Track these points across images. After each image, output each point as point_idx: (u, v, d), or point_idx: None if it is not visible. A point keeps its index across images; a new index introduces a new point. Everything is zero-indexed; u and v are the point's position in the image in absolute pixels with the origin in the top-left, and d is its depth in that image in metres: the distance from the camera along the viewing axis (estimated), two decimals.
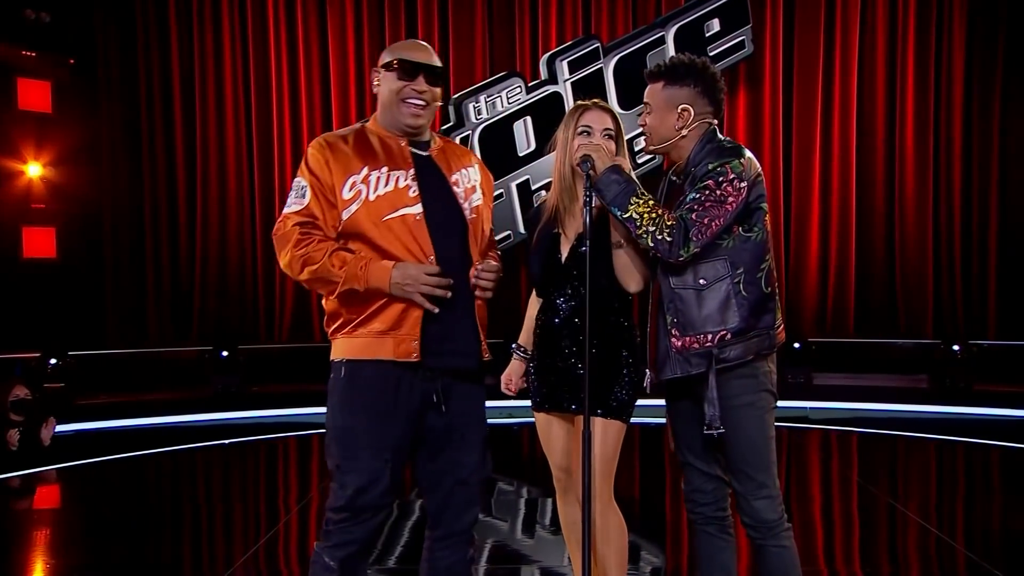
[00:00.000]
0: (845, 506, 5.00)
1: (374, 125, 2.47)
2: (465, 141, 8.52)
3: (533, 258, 2.75)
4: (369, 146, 2.41)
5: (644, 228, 2.41)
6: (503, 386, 2.93)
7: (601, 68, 8.62)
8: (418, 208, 2.35)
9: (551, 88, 8.63)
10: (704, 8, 8.69)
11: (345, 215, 2.33)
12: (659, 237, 2.39)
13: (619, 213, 2.45)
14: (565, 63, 8.64)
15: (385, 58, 2.44)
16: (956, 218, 9.01)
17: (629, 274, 2.57)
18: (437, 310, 2.30)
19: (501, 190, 8.60)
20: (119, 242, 9.19)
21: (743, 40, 8.73)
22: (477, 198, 2.49)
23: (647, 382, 2.63)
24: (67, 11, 8.55)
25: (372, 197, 2.33)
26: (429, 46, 2.50)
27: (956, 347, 8.26)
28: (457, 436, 2.41)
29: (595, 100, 2.72)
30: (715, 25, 8.69)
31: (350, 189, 2.34)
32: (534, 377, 2.77)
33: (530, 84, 8.70)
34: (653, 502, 5.09)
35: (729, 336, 2.45)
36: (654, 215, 2.41)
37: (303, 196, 2.35)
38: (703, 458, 2.64)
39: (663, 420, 2.74)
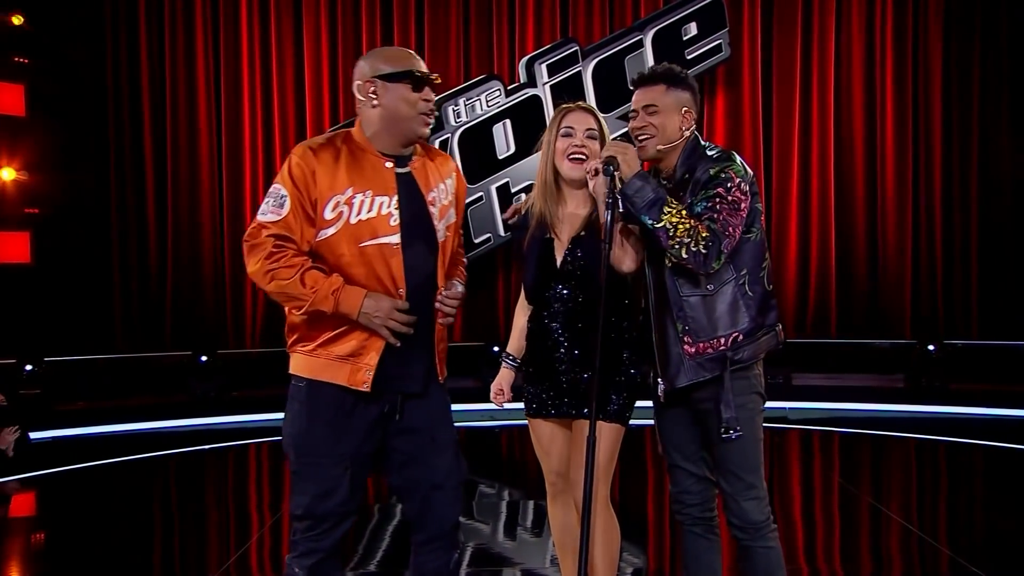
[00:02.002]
0: (825, 505, 5.04)
1: (360, 138, 2.39)
2: (445, 144, 8.50)
3: (527, 265, 2.72)
4: (357, 163, 2.34)
5: (678, 239, 2.37)
6: (493, 396, 2.89)
7: (580, 71, 8.63)
8: (396, 238, 2.32)
9: (530, 91, 8.63)
10: (681, 12, 8.72)
11: (322, 235, 2.30)
12: (694, 249, 2.36)
13: (651, 222, 2.40)
14: (544, 66, 8.65)
15: (385, 68, 2.35)
16: (936, 219, 9.08)
17: (624, 254, 2.55)
18: (399, 344, 2.31)
19: (480, 193, 8.59)
20: (96, 247, 9.07)
21: (720, 44, 8.76)
22: (451, 216, 2.48)
23: (660, 391, 2.61)
24: (40, 14, 8.45)
25: (353, 220, 2.30)
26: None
27: (932, 347, 8.35)
28: (427, 440, 2.41)
29: (578, 103, 2.72)
30: (692, 29, 8.72)
31: (333, 210, 2.29)
32: (529, 384, 2.75)
33: (509, 87, 8.69)
34: (636, 503, 5.11)
35: (741, 337, 2.48)
36: (687, 225, 2.38)
37: (281, 207, 2.28)
38: (691, 459, 2.66)
39: (647, 422, 2.75)
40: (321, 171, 2.29)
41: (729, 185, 2.42)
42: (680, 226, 2.37)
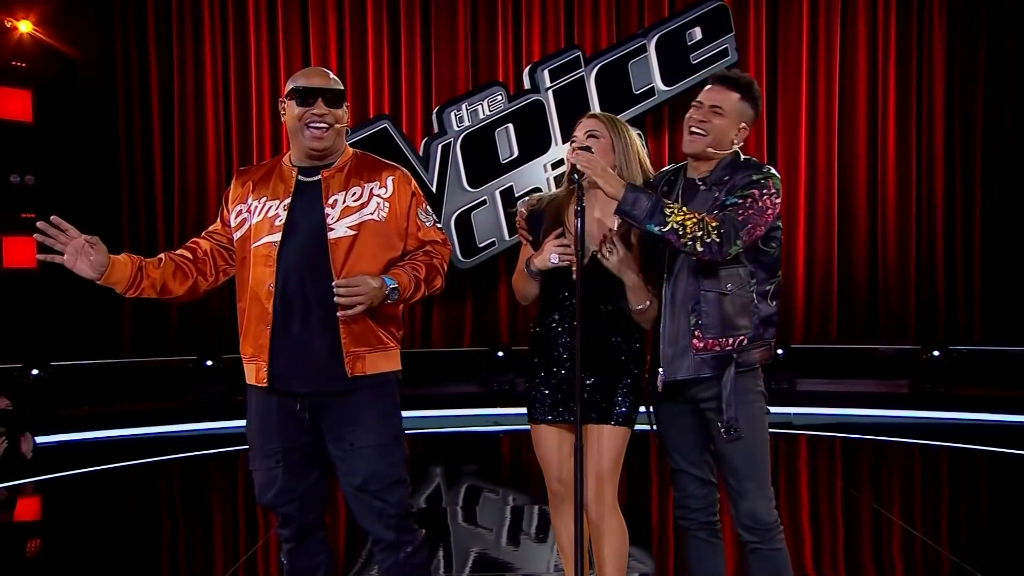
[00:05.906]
0: (829, 510, 5.03)
1: (286, 155, 2.57)
2: (447, 149, 8.51)
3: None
4: (269, 177, 2.53)
5: (690, 235, 2.36)
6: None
7: (583, 76, 8.63)
8: (277, 237, 2.43)
9: (533, 96, 8.64)
10: (686, 17, 8.74)
11: (234, 238, 2.56)
12: (708, 240, 2.36)
13: (657, 229, 2.37)
14: (547, 72, 8.65)
15: (288, 87, 2.49)
16: (938, 224, 9.08)
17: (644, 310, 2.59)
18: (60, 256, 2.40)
19: (484, 197, 8.60)
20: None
21: (726, 48, 8.77)
22: (368, 213, 2.44)
23: (659, 381, 2.57)
24: (46, 19, 8.48)
25: (253, 224, 2.49)
26: (328, 71, 2.54)
27: (936, 352, 8.33)
28: (346, 445, 2.47)
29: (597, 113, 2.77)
30: (697, 34, 8.74)
31: (236, 217, 2.54)
32: (531, 389, 2.74)
33: (512, 93, 8.71)
34: (640, 507, 5.10)
35: (746, 342, 2.50)
36: (694, 219, 2.38)
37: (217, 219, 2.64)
38: (695, 463, 2.66)
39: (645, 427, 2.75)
40: (235, 187, 2.58)
41: (764, 191, 2.46)
42: (688, 222, 2.37)
